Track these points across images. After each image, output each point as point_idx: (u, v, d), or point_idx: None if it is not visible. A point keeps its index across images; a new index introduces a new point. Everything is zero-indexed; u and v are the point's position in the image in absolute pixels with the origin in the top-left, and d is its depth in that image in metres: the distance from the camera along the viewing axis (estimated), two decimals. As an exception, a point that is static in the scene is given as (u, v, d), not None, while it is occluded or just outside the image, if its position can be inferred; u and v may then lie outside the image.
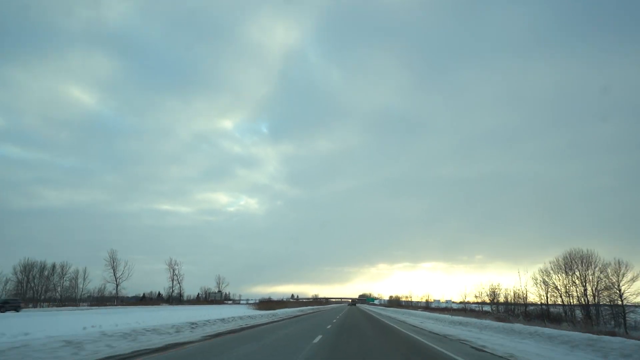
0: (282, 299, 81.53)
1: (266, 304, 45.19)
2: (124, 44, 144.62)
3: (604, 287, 34.23)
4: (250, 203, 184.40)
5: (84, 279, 67.48)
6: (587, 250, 36.19)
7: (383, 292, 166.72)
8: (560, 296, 37.49)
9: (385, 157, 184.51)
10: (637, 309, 33.79)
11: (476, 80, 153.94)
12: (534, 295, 40.27)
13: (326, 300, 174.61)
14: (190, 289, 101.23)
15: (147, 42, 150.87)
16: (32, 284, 61.87)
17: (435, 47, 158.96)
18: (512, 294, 42.95)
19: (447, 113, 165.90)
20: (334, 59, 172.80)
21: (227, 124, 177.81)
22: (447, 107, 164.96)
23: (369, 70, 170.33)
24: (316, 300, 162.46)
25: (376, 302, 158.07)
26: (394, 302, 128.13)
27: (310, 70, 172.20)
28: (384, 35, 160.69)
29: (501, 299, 44.49)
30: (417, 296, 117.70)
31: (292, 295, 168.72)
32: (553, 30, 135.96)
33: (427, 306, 72.52)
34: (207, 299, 77.68)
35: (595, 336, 11.17)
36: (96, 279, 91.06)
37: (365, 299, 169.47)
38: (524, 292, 40.59)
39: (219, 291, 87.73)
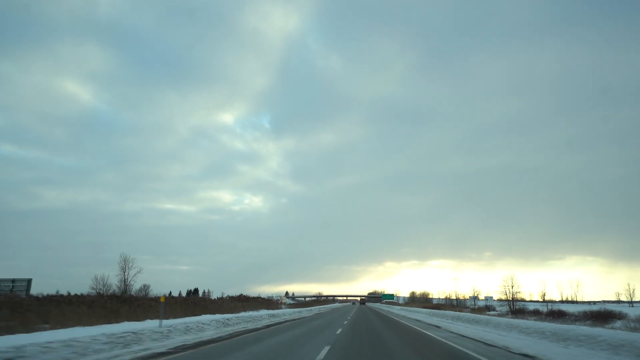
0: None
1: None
2: (117, 35, 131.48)
3: None
4: (254, 201, 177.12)
5: None
6: None
7: (393, 289, 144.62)
8: None
9: (388, 150, 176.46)
10: None
11: (482, 68, 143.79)
12: None
13: (332, 299, 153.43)
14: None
15: (139, 30, 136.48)
16: None
17: (440, 33, 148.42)
18: None
19: (452, 103, 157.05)
20: (334, 46, 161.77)
21: (227, 118, 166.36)
22: (452, 97, 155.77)
23: (371, 58, 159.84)
24: (318, 300, 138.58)
25: (395, 299, 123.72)
26: (422, 301, 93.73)
27: (310, 58, 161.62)
28: (387, 21, 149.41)
29: None
30: (453, 292, 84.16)
31: (287, 293, 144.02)
32: (562, 14, 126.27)
33: (513, 307, 35.68)
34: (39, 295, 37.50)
35: None
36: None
37: (379, 295, 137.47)
38: None
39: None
